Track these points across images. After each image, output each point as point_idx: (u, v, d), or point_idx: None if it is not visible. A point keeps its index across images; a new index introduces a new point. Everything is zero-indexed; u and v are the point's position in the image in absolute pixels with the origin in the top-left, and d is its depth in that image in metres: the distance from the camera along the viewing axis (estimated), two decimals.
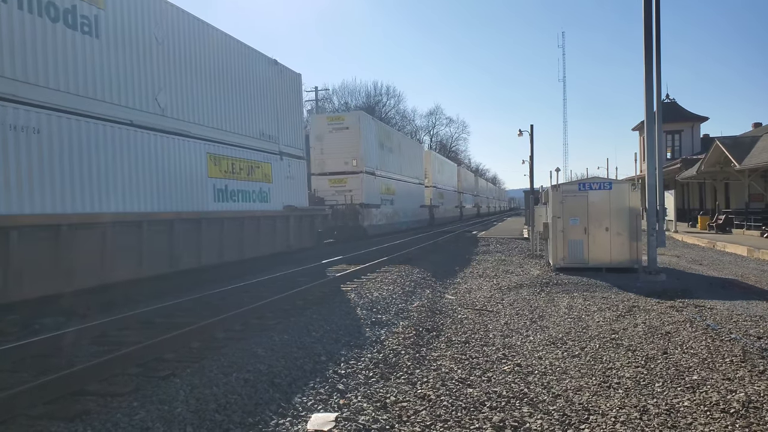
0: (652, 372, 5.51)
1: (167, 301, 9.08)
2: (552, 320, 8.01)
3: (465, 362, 6.01)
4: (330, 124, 24.47)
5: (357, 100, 69.84)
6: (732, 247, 18.66)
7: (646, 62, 11.84)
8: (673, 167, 34.02)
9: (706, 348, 6.23)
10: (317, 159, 24.31)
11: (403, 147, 32.30)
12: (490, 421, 4.38)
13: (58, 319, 7.86)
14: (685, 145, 40.23)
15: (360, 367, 5.86)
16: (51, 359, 6.01)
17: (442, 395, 4.98)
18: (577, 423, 4.33)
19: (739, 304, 8.90)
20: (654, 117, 12.16)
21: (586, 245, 12.84)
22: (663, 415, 4.43)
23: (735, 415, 4.38)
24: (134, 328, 7.46)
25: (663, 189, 12.75)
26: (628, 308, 8.70)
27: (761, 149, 23.80)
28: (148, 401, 4.50)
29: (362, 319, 7.97)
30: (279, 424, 4.38)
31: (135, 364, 5.60)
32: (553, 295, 10.07)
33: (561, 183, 15.68)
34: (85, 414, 4.37)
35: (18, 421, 4.28)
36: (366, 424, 4.36)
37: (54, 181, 8.12)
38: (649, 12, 11.85)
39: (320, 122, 25.35)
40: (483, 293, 10.52)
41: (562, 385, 5.20)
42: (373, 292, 10.07)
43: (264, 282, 11.19)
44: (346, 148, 23.85)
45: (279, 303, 8.74)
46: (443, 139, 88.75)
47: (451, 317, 8.41)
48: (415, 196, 34.35)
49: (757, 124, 39.15)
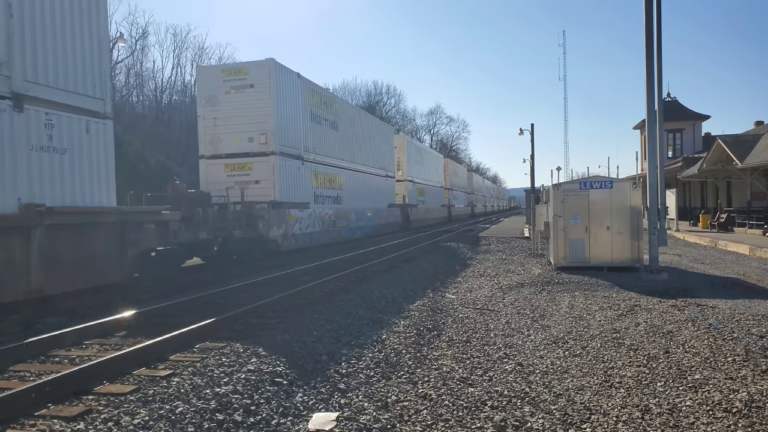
0: (653, 371, 5.50)
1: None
2: (553, 319, 8.00)
3: (466, 361, 6.00)
4: (227, 81, 16.14)
5: (357, 99, 69.94)
6: (734, 246, 18.62)
7: (647, 60, 11.81)
8: (674, 166, 33.96)
9: (708, 347, 6.21)
10: (208, 134, 16.46)
11: (358, 124, 24.29)
12: (491, 420, 4.37)
13: (61, 318, 7.85)
14: (686, 144, 40.17)
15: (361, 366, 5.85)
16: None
17: (444, 395, 4.97)
18: (578, 422, 4.31)
19: (741, 303, 8.88)
20: (655, 115, 12.14)
21: (587, 244, 12.82)
22: (665, 414, 4.42)
23: (737, 414, 4.36)
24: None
25: (664, 188, 12.74)
26: (630, 307, 8.68)
27: (763, 147, 23.74)
28: (151, 400, 4.49)
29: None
30: (280, 424, 4.37)
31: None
32: (554, 295, 10.05)
33: (562, 182, 15.68)
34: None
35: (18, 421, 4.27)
36: (367, 423, 4.35)
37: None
38: (650, 11, 11.83)
39: (211, 77, 16.57)
40: (484, 292, 10.50)
41: (563, 384, 5.19)
42: None
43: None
44: (251, 116, 15.99)
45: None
46: (444, 139, 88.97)
47: (452, 316, 8.40)
48: (380, 193, 27.17)
49: (759, 123, 39.05)
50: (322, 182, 19.82)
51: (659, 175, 12.10)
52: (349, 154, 22.90)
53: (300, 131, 17.99)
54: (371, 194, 25.43)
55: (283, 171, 16.52)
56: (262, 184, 15.99)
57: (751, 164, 23.59)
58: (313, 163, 19.04)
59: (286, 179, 16.75)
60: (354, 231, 22.84)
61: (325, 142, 20.25)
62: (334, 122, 21.18)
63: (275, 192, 16.07)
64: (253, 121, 16.00)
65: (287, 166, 16.89)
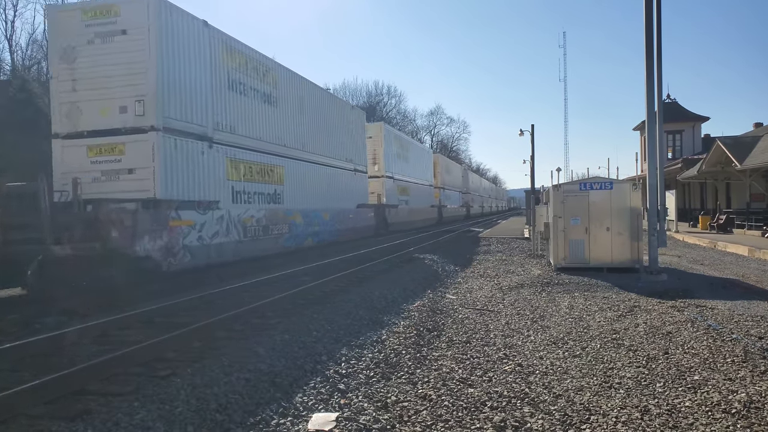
0: (653, 372, 5.50)
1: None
2: (553, 320, 8.01)
3: (466, 362, 6.00)
4: (90, 26, 11.52)
5: (358, 100, 69.96)
6: (733, 247, 18.64)
7: (647, 61, 11.82)
8: (674, 167, 34.00)
9: (707, 348, 6.22)
10: (64, 103, 11.63)
11: (313, 103, 18.94)
12: (491, 421, 4.37)
13: (60, 318, 7.85)
14: (686, 145, 40.21)
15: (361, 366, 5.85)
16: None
17: (443, 395, 4.98)
18: (578, 423, 4.32)
19: (740, 304, 8.89)
20: (655, 117, 12.15)
21: (587, 245, 12.83)
22: (664, 415, 4.43)
23: (736, 415, 4.37)
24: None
25: (664, 189, 12.74)
26: (629, 308, 8.69)
27: (762, 149, 23.77)
28: (149, 401, 4.50)
29: None
30: (280, 424, 4.37)
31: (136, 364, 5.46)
32: (554, 295, 10.06)
33: (562, 183, 15.70)
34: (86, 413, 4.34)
35: (18, 421, 4.27)
36: (367, 423, 4.36)
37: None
38: (650, 11, 11.84)
39: (68, 21, 11.73)
40: (484, 293, 10.51)
41: (563, 385, 5.20)
42: None
43: None
44: (123, 75, 11.30)
45: None
46: (444, 139, 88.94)
47: (452, 317, 8.41)
48: (346, 191, 21.77)
49: (758, 124, 39.13)
50: (246, 174, 14.42)
51: (659, 176, 12.11)
52: (296, 139, 17.48)
53: (207, 101, 12.86)
54: (332, 192, 20.03)
55: (169, 155, 11.49)
56: (137, 174, 11.19)
57: (750, 166, 23.62)
58: (231, 147, 13.70)
59: (177, 167, 11.76)
60: (301, 238, 17.31)
61: (255, 120, 15.00)
62: (269, 96, 15.85)
63: (156, 185, 11.14)
64: (127, 83, 11.24)
65: (181, 148, 11.88)
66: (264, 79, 15.64)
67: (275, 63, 16.83)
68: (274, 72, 16.36)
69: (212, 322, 7.06)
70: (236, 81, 14.17)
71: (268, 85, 15.83)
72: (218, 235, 12.82)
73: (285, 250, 16.09)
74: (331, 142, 20.58)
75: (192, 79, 12.42)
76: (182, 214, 11.67)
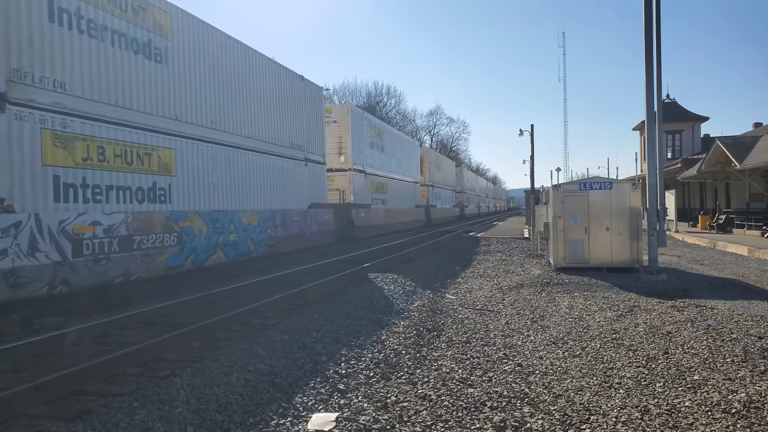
0: (653, 372, 5.50)
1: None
2: (553, 320, 8.01)
3: (466, 362, 6.00)
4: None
5: (358, 100, 69.92)
6: (733, 247, 18.64)
7: (646, 62, 11.83)
8: (673, 167, 34.01)
9: (707, 348, 6.23)
10: None
11: (199, 47, 12.60)
12: (490, 421, 4.37)
13: (59, 318, 7.85)
14: (685, 145, 40.22)
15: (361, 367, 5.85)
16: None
17: (443, 395, 4.98)
18: (578, 423, 4.32)
19: (740, 304, 8.89)
20: (654, 117, 12.15)
21: (586, 245, 12.84)
22: (664, 415, 4.43)
23: (736, 415, 4.37)
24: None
25: (663, 189, 12.75)
26: (629, 308, 8.69)
27: (762, 149, 23.78)
28: (149, 401, 4.49)
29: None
30: (279, 424, 4.37)
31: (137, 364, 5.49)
32: (553, 295, 10.07)
33: (562, 183, 15.70)
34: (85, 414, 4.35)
35: (18, 421, 4.27)
36: (367, 424, 4.36)
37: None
38: (649, 11, 11.84)
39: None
40: (483, 293, 10.51)
41: (563, 385, 5.20)
42: None
43: None
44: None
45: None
46: (444, 139, 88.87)
47: (451, 317, 8.41)
48: (290, 186, 16.84)
49: (757, 124, 39.17)
50: (92, 157, 9.50)
51: (658, 176, 12.11)
52: (201, 112, 12.60)
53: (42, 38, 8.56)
54: (265, 188, 15.38)
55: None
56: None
57: (749, 165, 23.64)
58: (57, 115, 8.84)
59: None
60: (204, 253, 12.08)
61: (117, 78, 10.16)
62: (149, 45, 11.03)
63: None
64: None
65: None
66: (138, 21, 10.70)
67: (166, 2, 11.53)
68: (158, 12, 11.24)
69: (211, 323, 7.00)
70: (68, 11, 9.10)
71: (145, 30, 10.88)
72: (4, 255, 7.64)
73: (168, 272, 10.85)
74: (267, 121, 15.71)
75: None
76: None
